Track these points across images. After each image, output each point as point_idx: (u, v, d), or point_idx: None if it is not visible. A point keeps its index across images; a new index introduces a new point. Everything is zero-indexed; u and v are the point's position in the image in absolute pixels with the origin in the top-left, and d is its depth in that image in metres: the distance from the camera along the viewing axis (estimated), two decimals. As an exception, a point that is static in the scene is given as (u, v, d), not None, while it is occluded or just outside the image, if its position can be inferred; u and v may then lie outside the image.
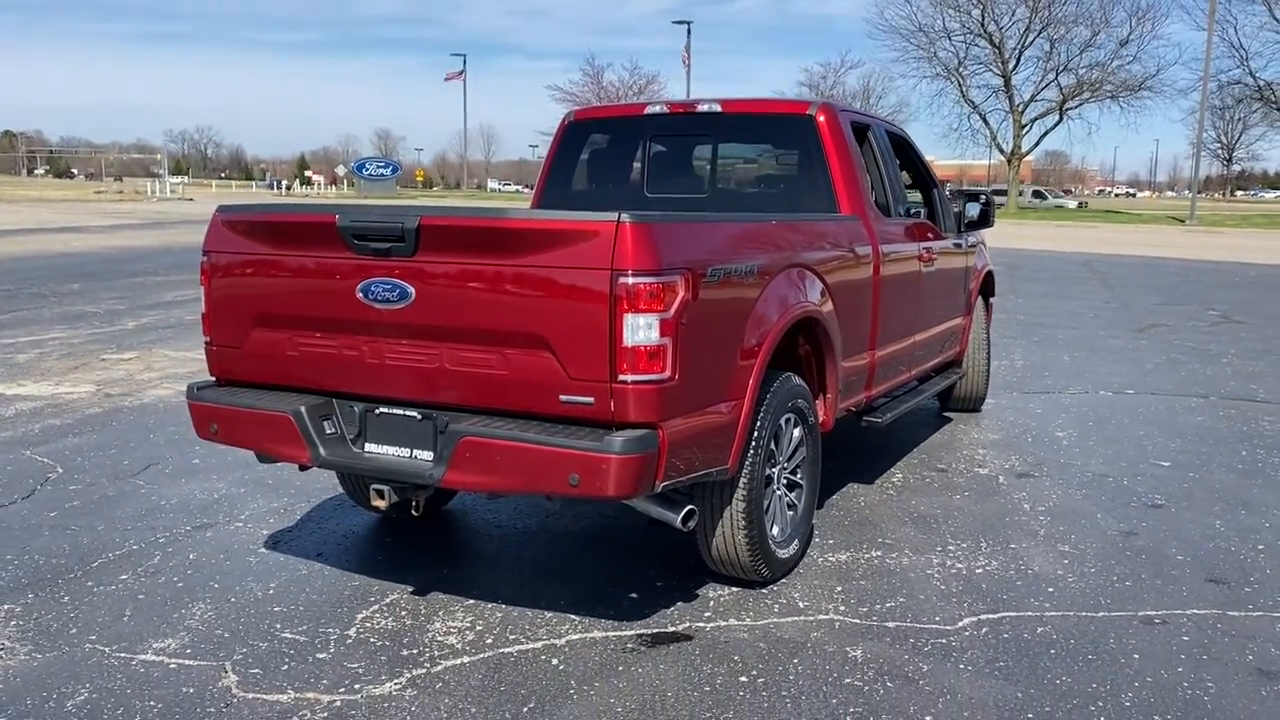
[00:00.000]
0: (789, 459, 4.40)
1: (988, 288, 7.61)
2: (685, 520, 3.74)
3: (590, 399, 3.39)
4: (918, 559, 4.58)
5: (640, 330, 3.31)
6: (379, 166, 79.18)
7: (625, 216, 3.30)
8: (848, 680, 3.46)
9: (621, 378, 3.34)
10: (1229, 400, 8.25)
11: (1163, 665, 3.58)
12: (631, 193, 5.76)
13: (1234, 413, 7.78)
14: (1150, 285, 18.32)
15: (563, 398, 3.42)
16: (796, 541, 4.39)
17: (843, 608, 4.05)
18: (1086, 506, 5.37)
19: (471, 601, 4.09)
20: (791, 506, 4.46)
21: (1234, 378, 9.28)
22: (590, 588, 4.23)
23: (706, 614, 3.99)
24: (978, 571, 4.44)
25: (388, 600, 4.10)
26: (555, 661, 3.59)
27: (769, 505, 4.25)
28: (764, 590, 4.22)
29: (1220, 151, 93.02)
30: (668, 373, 3.38)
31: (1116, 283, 18.68)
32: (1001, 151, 61.50)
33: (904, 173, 6.53)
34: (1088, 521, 5.13)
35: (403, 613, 3.98)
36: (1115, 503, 5.45)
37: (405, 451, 3.77)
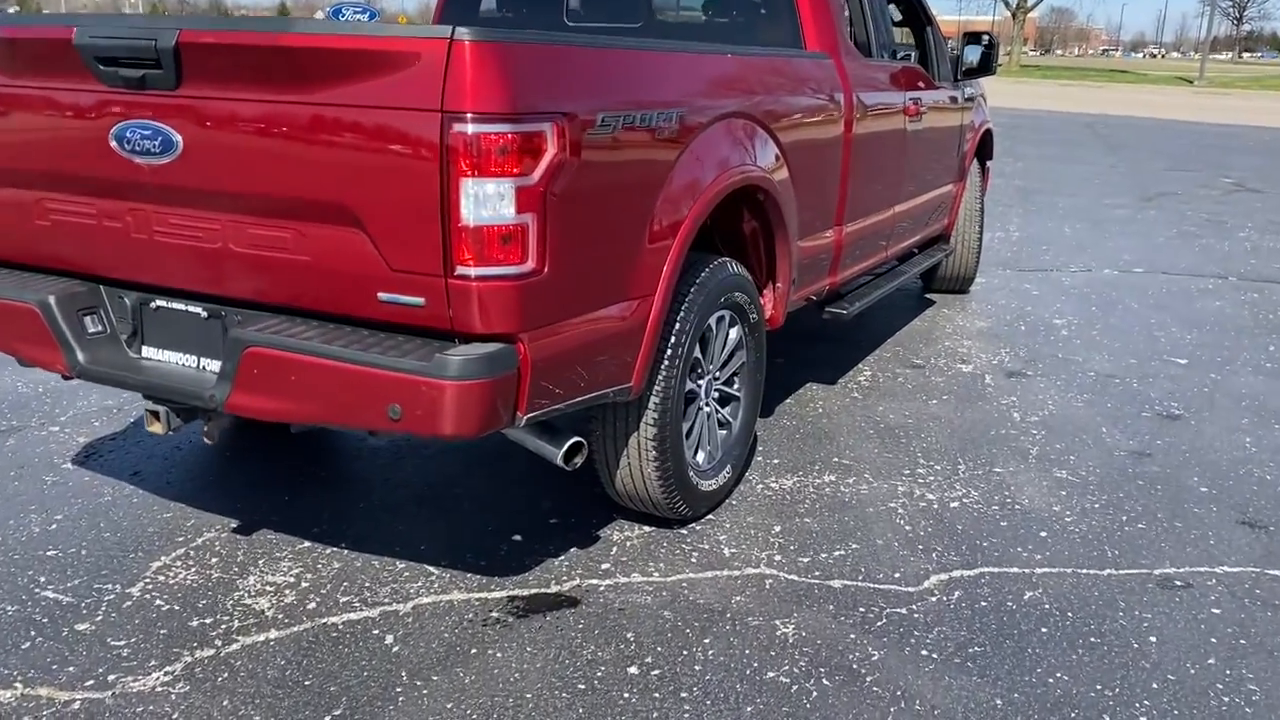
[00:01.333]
0: (721, 367, 3.46)
1: (985, 149, 6.54)
2: (568, 457, 2.82)
3: (419, 299, 2.42)
4: (879, 486, 3.70)
5: (487, 203, 2.31)
6: (356, 11, 75.53)
7: (464, 33, 2.25)
8: (770, 675, 2.61)
9: (461, 270, 2.35)
10: (1251, 282, 7.29)
11: (1189, 655, 2.73)
12: (547, 20, 4.63)
13: (1257, 297, 6.83)
14: (1158, 149, 17.12)
15: (382, 296, 2.45)
16: (729, 468, 3.49)
17: (779, 558, 3.18)
18: (1089, 417, 4.48)
19: (306, 545, 3.20)
20: (724, 425, 3.54)
21: (1254, 255, 8.30)
22: (464, 525, 3.35)
23: (605, 566, 3.12)
24: (952, 506, 3.56)
25: (199, 541, 3.21)
26: (390, 640, 2.72)
27: (692, 428, 3.33)
28: (683, 531, 3.34)
29: (1231, 10, 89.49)
30: (530, 263, 2.40)
31: (1122, 146, 17.46)
32: (1006, 5, 58.70)
33: (891, 5, 5.39)
34: (1090, 438, 4.24)
35: (212, 560, 3.10)
36: (1123, 412, 4.55)
37: (191, 360, 2.81)
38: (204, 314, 2.74)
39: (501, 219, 2.33)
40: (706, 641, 2.73)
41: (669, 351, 3.03)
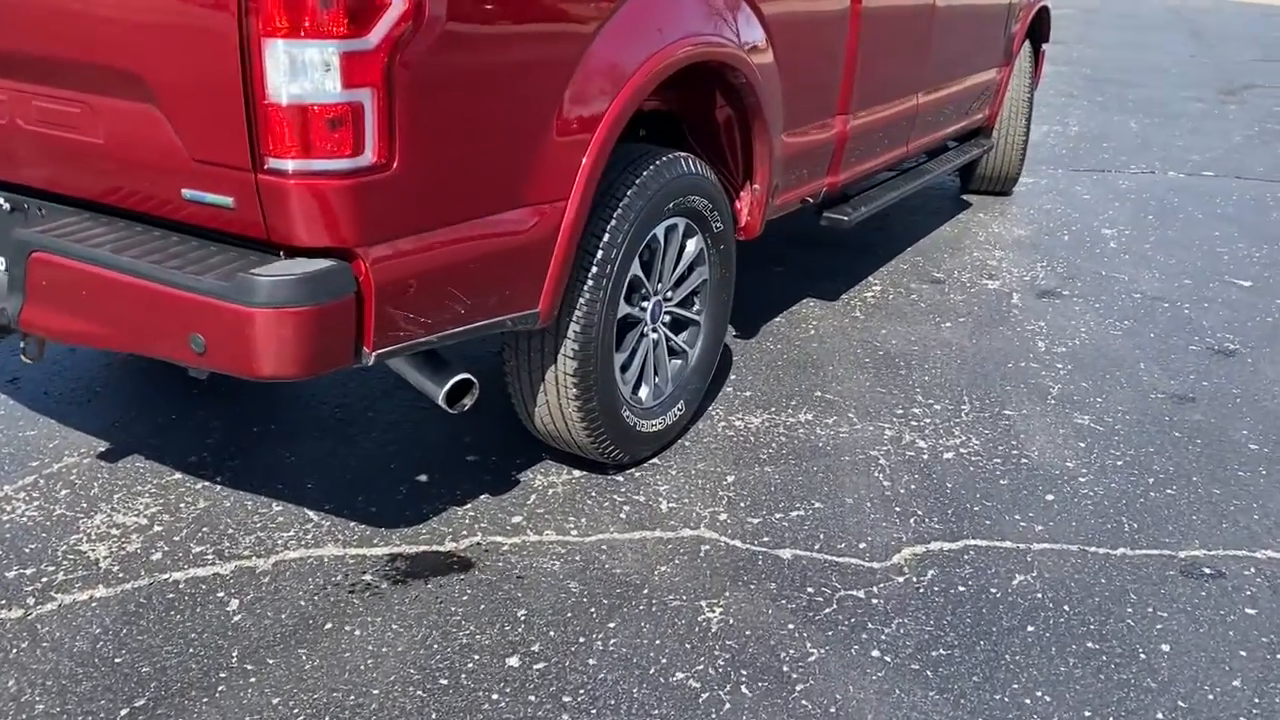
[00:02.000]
0: (675, 286, 2.90)
1: (1040, 30, 5.73)
2: (452, 398, 2.30)
3: (227, 199, 1.88)
4: (863, 429, 3.15)
5: (303, 73, 1.75)
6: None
7: None
8: (679, 676, 2.12)
9: (273, 164, 1.81)
10: (1335, 192, 6.46)
11: (1209, 673, 2.20)
12: None
13: (1341, 210, 6.03)
14: (1250, 37, 15.70)
15: (186, 193, 1.92)
16: (680, 404, 2.96)
17: (724, 517, 2.67)
18: (1126, 349, 3.85)
19: (175, 478, 2.76)
20: (679, 354, 3.00)
21: (1343, 160, 7.40)
22: (366, 460, 2.88)
23: (516, 519, 2.63)
24: (946, 457, 3.01)
25: (55, 468, 2.78)
26: (234, 606, 2.27)
27: (632, 360, 2.79)
28: (618, 478, 2.84)
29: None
30: (370, 155, 1.84)
31: (1208, 33, 16.06)
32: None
33: None
34: (1124, 375, 3.63)
35: (62, 493, 2.67)
36: (1168, 345, 3.91)
37: (-4, 262, 2.32)
38: (6, 205, 2.23)
39: (325, 96, 1.77)
40: (611, 626, 2.25)
41: (593, 269, 2.48)
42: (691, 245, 2.91)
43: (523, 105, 2.14)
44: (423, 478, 2.81)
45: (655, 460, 2.93)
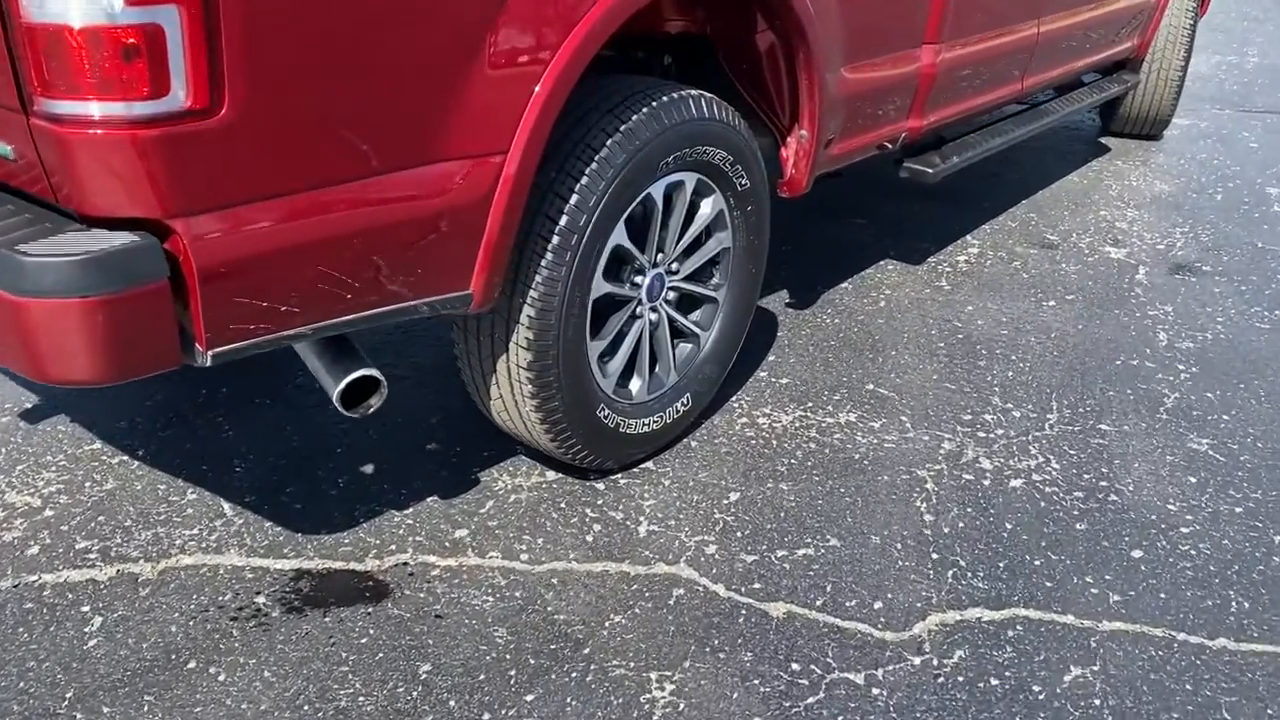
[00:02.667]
0: (684, 256, 2.36)
1: (1213, -57, 4.80)
2: (349, 399, 1.84)
3: (7, 148, 1.44)
4: (915, 439, 2.58)
5: (70, -17, 1.28)
6: None
7: None
8: (593, 784, 1.66)
9: (43, 105, 1.35)
10: None
11: None
12: None
13: None
14: None
15: (-37, 137, 1.48)
16: (687, 398, 2.44)
17: (712, 549, 2.17)
18: (1272, 352, 3.12)
19: (93, 448, 2.41)
20: (690, 337, 2.47)
21: None
22: (310, 440, 2.47)
23: (460, 533, 2.19)
24: (1012, 485, 2.42)
25: (-33, 428, 2.47)
26: (95, 627, 1.91)
27: (618, 347, 2.28)
28: (598, 485, 2.36)
29: None
30: (183, 97, 1.37)
31: None
32: None
33: None
34: (1265, 387, 2.92)
35: (-37, 461, 2.35)
36: (1328, 345, 3.16)
37: None
38: None
39: (101, 14, 1.29)
40: (529, 700, 1.79)
41: (554, 240, 1.97)
42: (707, 206, 2.36)
43: (431, 23, 1.62)
44: (368, 468, 2.39)
45: (650, 464, 2.44)
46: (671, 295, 2.38)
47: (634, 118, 2.05)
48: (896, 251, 3.66)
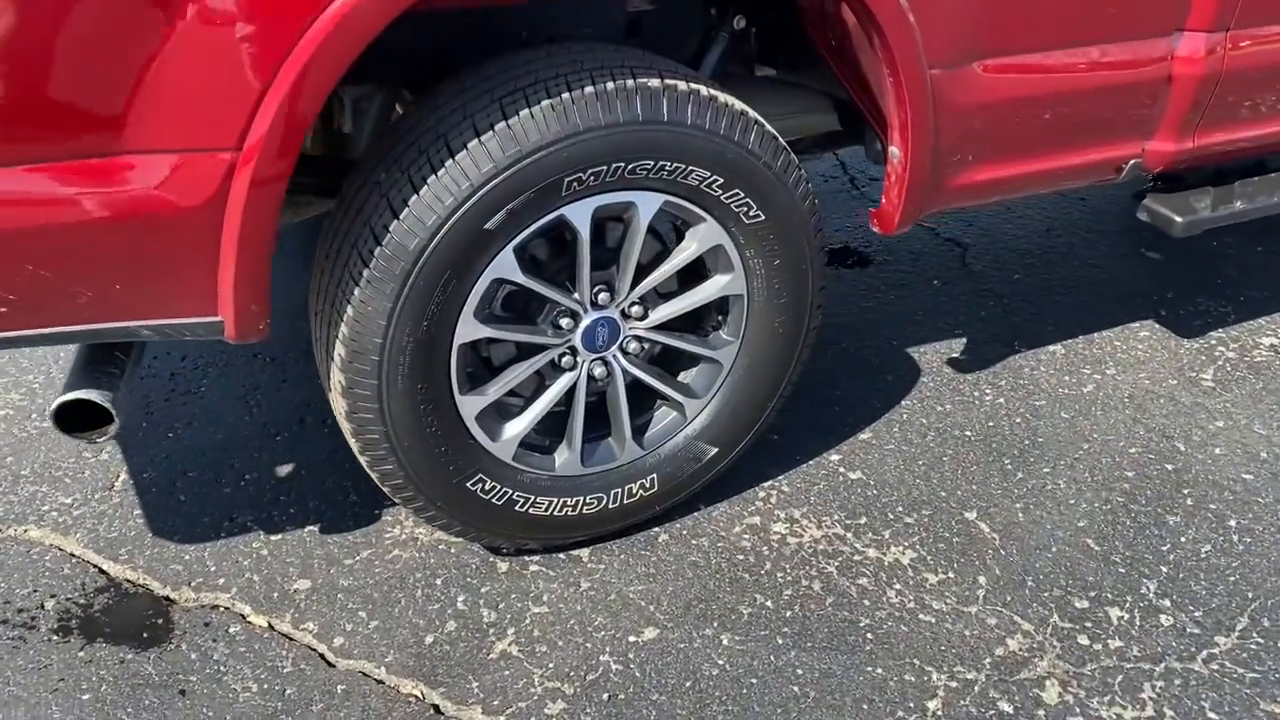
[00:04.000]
0: (658, 299, 1.73)
1: None
2: (66, 422, 1.49)
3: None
4: (970, 617, 1.75)
5: None
6: None
7: None
8: None
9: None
10: None
11: None
12: None
13: None
14: None
15: None
16: (650, 480, 1.83)
17: (557, 708, 1.59)
18: None
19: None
20: (670, 403, 1.84)
21: None
22: (222, 437, 2.19)
23: (304, 584, 1.81)
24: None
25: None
26: (-109, 587, 1.79)
27: (529, 405, 1.72)
28: (501, 565, 1.85)
29: None
30: None
31: None
32: None
33: None
34: None
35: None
36: None
37: None
38: None
39: None
40: None
41: (373, 264, 1.45)
42: (693, 240, 1.69)
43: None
44: (284, 469, 2.06)
45: (585, 552, 1.87)
46: (633, 346, 1.75)
47: (525, 113, 1.45)
48: (1165, 313, 2.60)
